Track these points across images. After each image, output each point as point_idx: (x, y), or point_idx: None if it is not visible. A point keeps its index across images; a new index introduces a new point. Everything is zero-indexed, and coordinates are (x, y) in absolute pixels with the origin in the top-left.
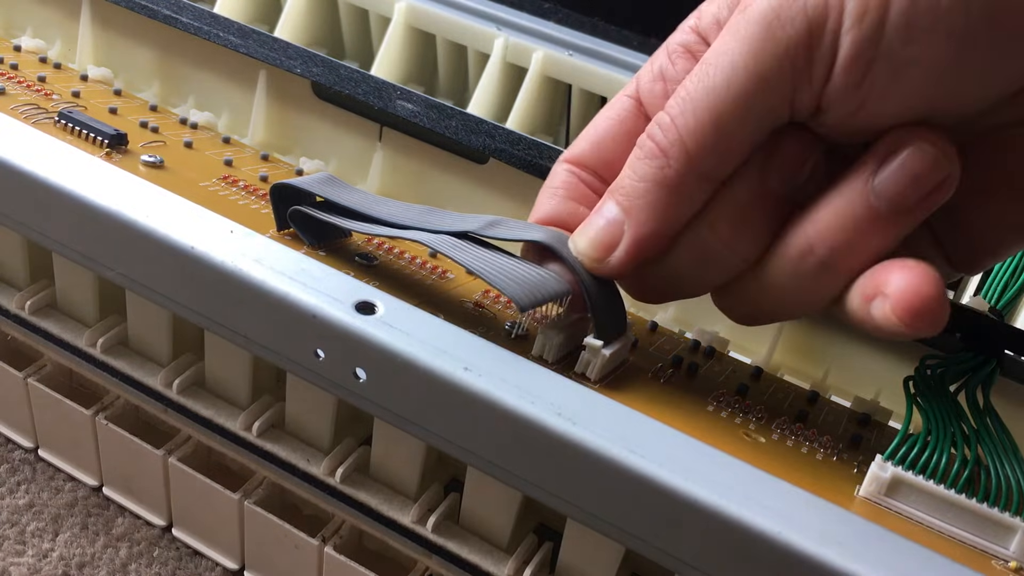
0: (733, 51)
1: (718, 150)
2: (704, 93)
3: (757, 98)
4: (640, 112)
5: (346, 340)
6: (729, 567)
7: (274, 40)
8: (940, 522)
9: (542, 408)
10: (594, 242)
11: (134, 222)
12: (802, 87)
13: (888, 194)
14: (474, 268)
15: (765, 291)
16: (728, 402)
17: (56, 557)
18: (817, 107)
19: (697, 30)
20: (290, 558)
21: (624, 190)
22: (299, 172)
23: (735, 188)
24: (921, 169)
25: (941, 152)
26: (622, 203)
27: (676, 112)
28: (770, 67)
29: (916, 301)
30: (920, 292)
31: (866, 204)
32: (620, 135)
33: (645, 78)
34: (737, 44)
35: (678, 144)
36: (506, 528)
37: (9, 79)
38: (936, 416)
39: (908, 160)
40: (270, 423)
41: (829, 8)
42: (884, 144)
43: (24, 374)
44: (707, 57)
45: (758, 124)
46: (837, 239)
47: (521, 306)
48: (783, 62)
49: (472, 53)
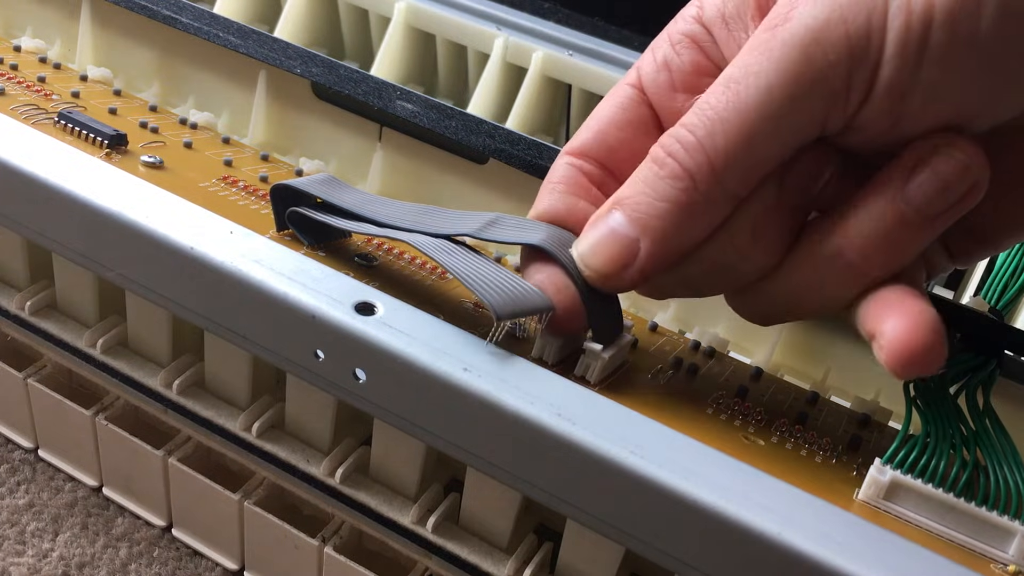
0: (767, 72)
1: (746, 171)
2: (735, 114)
3: (790, 121)
4: (643, 100)
5: (346, 341)
6: (729, 568)
7: (274, 40)
8: (939, 526)
9: (542, 409)
10: (603, 257)
11: (134, 222)
12: (836, 110)
13: (919, 201)
14: (458, 274)
15: (785, 294)
16: (728, 404)
17: (56, 557)
18: (847, 126)
19: (700, 20)
20: (290, 558)
21: (640, 207)
22: (299, 172)
23: (753, 202)
24: (952, 176)
25: (971, 159)
26: (637, 220)
27: (703, 133)
28: (806, 91)
29: (906, 353)
30: (911, 343)
31: (897, 211)
32: (623, 123)
33: (647, 67)
34: (772, 65)
35: (707, 166)
36: (506, 528)
37: (9, 79)
38: (935, 418)
39: (939, 167)
40: (270, 423)
41: (871, 34)
42: (914, 151)
43: (24, 374)
44: (734, 75)
45: (788, 145)
46: (867, 245)
47: (498, 315)
48: (820, 86)
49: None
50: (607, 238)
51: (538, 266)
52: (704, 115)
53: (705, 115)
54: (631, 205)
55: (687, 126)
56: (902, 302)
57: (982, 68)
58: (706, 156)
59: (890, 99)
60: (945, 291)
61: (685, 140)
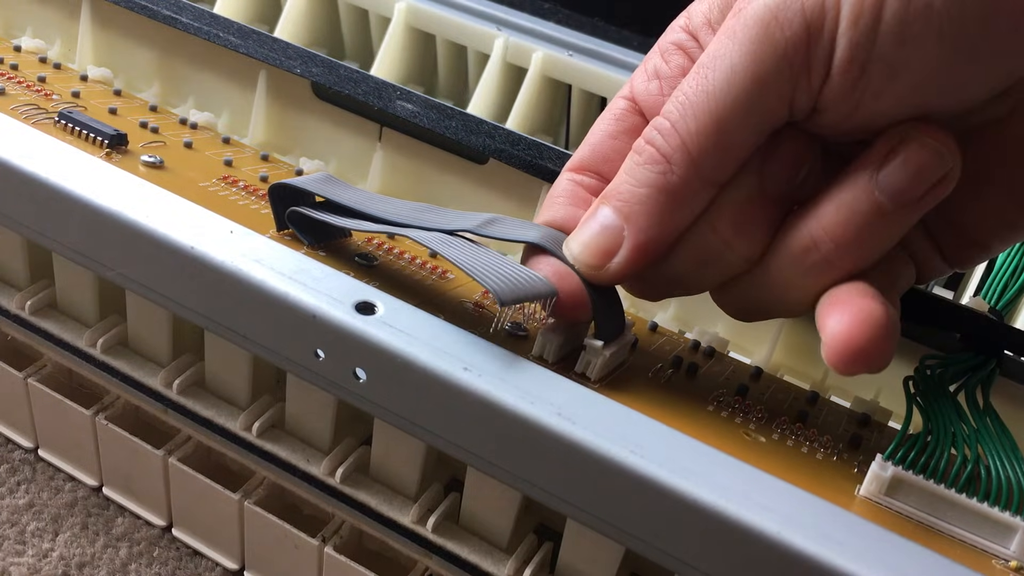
0: (731, 53)
1: (720, 153)
2: (704, 96)
3: (757, 99)
4: (635, 110)
5: (346, 340)
6: (729, 568)
7: (274, 40)
8: (940, 521)
9: (542, 408)
10: (591, 249)
11: (134, 222)
12: (800, 88)
13: (892, 189)
14: (461, 263)
15: (766, 287)
16: (728, 402)
17: (56, 557)
18: (814, 107)
19: (688, 29)
20: (290, 558)
21: (622, 196)
22: (299, 172)
23: (734, 190)
24: (924, 163)
25: (943, 146)
26: (620, 208)
27: (676, 117)
28: (769, 68)
29: (845, 350)
30: (850, 341)
31: (870, 199)
32: (617, 133)
33: (639, 79)
34: (735, 46)
35: (681, 149)
36: (506, 528)
37: (9, 79)
38: (936, 416)
39: (911, 155)
40: (270, 423)
41: (826, 10)
42: (887, 139)
43: (24, 374)
44: (703, 60)
45: (758, 126)
46: (841, 235)
47: (502, 300)
48: (781, 63)
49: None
50: (594, 231)
51: (539, 258)
52: (677, 101)
53: (678, 100)
54: (614, 196)
55: (664, 114)
56: (850, 300)
57: (940, 41)
58: (680, 139)
59: (850, 75)
60: (945, 291)
61: (661, 126)
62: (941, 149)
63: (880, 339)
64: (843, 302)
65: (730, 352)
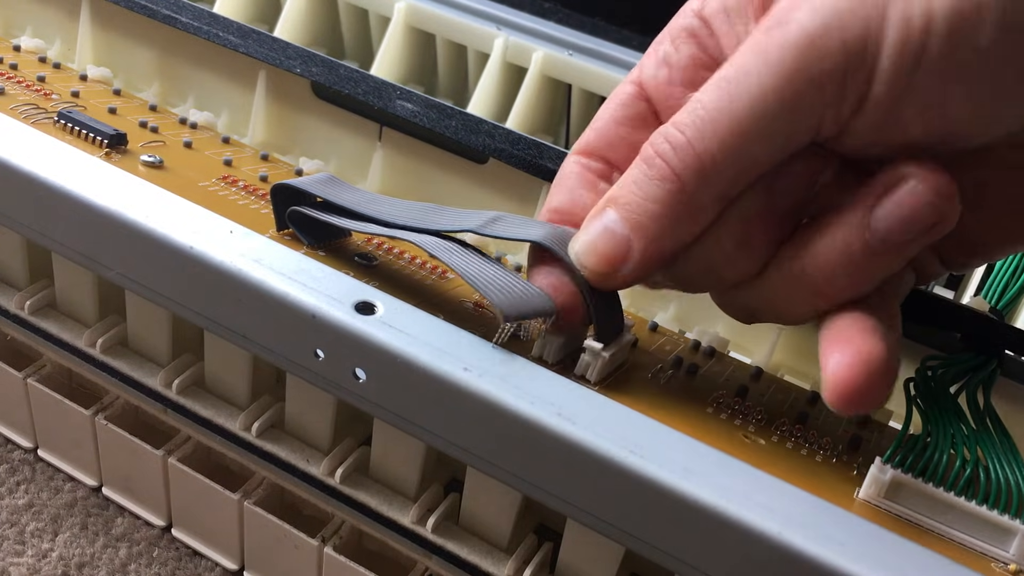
0: (760, 73)
1: (735, 175)
2: (725, 115)
3: (782, 126)
4: (643, 96)
5: (346, 340)
6: (729, 568)
7: (274, 40)
8: (940, 524)
9: (542, 408)
10: (598, 257)
11: (134, 222)
12: (829, 116)
13: (883, 231)
14: (464, 274)
15: (764, 300)
16: (728, 404)
17: (56, 557)
18: (840, 132)
19: (701, 15)
20: (290, 558)
21: (630, 207)
22: (299, 172)
23: (743, 205)
24: (917, 209)
25: (940, 191)
26: (628, 219)
27: (692, 133)
28: (801, 97)
29: (844, 393)
30: (849, 384)
31: (861, 237)
32: (623, 119)
33: (648, 64)
34: (766, 68)
35: (694, 168)
36: (506, 528)
37: (9, 79)
38: (936, 418)
39: (905, 199)
40: (270, 423)
41: (868, 44)
42: (883, 178)
43: (24, 374)
44: (727, 75)
45: (780, 150)
46: (830, 268)
47: (506, 316)
48: (814, 94)
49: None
50: (601, 236)
51: (542, 267)
52: (695, 114)
53: (696, 114)
54: (623, 204)
55: (678, 125)
56: (851, 338)
57: (979, 82)
58: (695, 158)
59: (884, 108)
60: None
61: (675, 140)
62: (935, 197)
63: (878, 382)
64: (844, 340)
65: (730, 352)
